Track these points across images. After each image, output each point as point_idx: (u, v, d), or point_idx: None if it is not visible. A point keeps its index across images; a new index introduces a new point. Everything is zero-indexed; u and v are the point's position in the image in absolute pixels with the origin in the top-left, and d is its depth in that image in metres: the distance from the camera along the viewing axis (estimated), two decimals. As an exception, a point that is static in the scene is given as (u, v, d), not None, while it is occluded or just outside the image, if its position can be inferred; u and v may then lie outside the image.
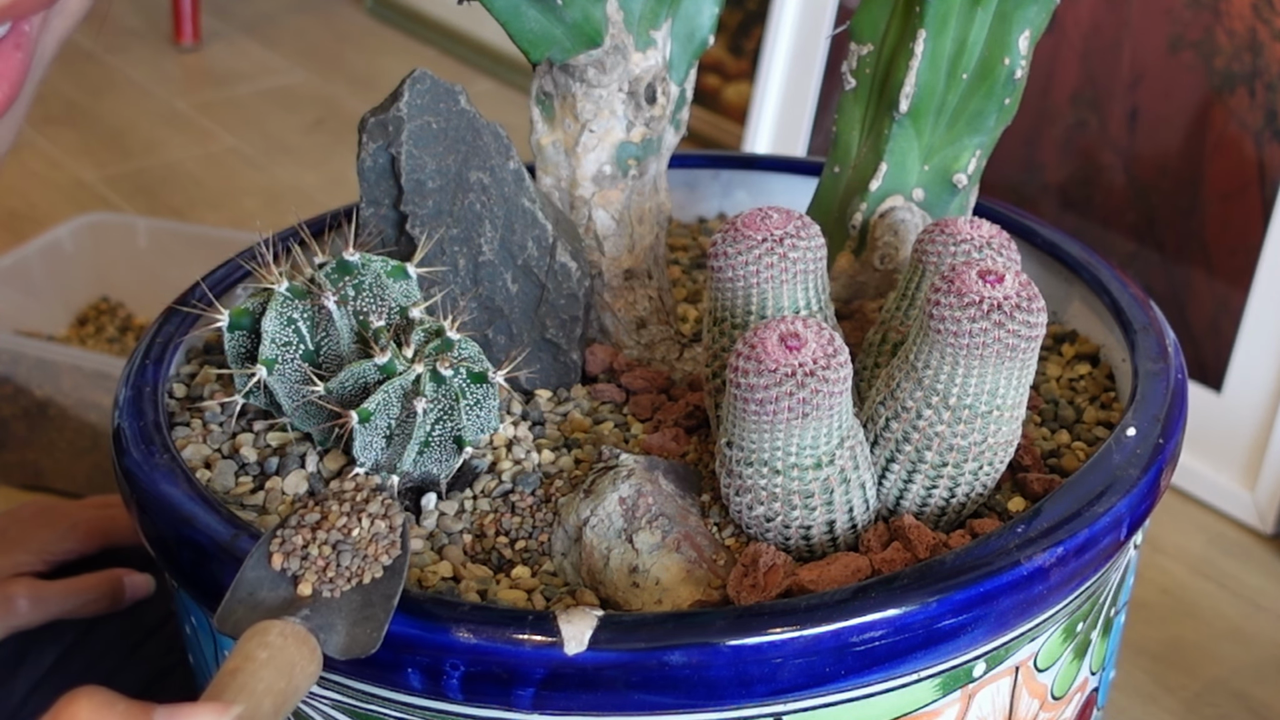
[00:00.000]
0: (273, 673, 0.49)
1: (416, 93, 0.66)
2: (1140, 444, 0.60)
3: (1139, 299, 0.72)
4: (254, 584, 0.53)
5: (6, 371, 1.13)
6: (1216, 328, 1.18)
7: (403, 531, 0.55)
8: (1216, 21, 1.17)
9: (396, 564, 0.54)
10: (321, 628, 0.51)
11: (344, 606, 0.52)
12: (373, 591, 0.53)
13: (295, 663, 0.50)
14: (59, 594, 0.76)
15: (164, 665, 0.82)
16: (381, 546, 0.54)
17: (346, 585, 0.53)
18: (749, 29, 1.64)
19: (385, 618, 0.52)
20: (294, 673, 0.49)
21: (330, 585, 0.53)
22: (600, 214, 0.72)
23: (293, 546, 0.54)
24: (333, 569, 0.53)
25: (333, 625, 0.52)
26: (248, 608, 0.52)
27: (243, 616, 0.52)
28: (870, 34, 0.71)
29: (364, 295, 0.61)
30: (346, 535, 0.54)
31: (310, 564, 0.53)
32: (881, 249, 0.71)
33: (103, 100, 1.98)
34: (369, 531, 0.54)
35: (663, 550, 0.57)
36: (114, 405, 0.66)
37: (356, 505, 0.55)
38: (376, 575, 0.53)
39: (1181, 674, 1.01)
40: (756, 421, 0.55)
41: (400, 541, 0.55)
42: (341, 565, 0.53)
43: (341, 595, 0.53)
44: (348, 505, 0.55)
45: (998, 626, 0.54)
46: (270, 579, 0.53)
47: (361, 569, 0.53)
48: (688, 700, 0.51)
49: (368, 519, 0.55)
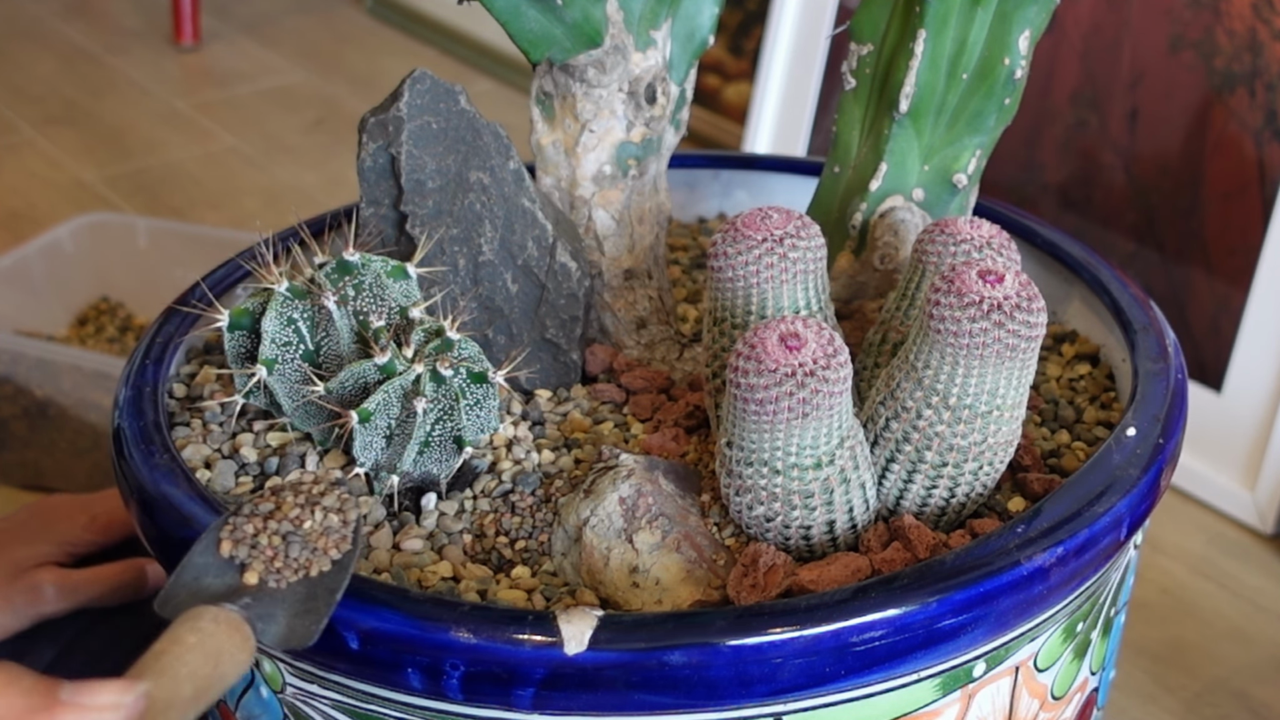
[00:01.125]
0: (199, 657, 0.49)
1: (416, 93, 0.66)
2: (1140, 444, 0.60)
3: (1139, 299, 0.72)
4: (200, 569, 0.53)
5: (6, 371, 1.13)
6: (1216, 328, 1.18)
7: (355, 526, 0.55)
8: (1216, 21, 1.17)
9: (345, 559, 0.54)
10: (261, 617, 0.51)
11: (288, 598, 0.52)
12: (318, 584, 0.53)
13: (224, 650, 0.50)
14: (85, 582, 0.77)
15: None
16: (332, 540, 0.54)
17: (293, 577, 0.53)
18: (749, 29, 1.64)
19: (327, 611, 0.52)
20: (221, 659, 0.49)
21: (277, 576, 0.53)
22: (600, 214, 0.72)
23: (243, 535, 0.54)
24: (280, 560, 0.53)
25: (273, 615, 0.52)
26: (190, 593, 0.52)
27: (183, 601, 0.52)
28: (870, 34, 0.71)
29: (364, 295, 0.61)
30: (298, 527, 0.54)
31: (259, 553, 0.53)
32: (881, 249, 0.71)
33: (103, 100, 1.98)
34: (321, 524, 0.54)
35: (663, 550, 0.57)
36: (114, 405, 0.66)
37: (312, 498, 0.55)
38: (324, 569, 0.53)
39: (1181, 674, 1.01)
40: (756, 421, 0.55)
41: (352, 536, 0.55)
42: (289, 556, 0.53)
43: (287, 586, 0.53)
44: (303, 497, 0.55)
45: (998, 626, 0.54)
46: (217, 566, 0.53)
47: (310, 561, 0.53)
48: (688, 700, 0.51)
49: (321, 512, 0.55)
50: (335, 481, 0.57)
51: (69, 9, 2.32)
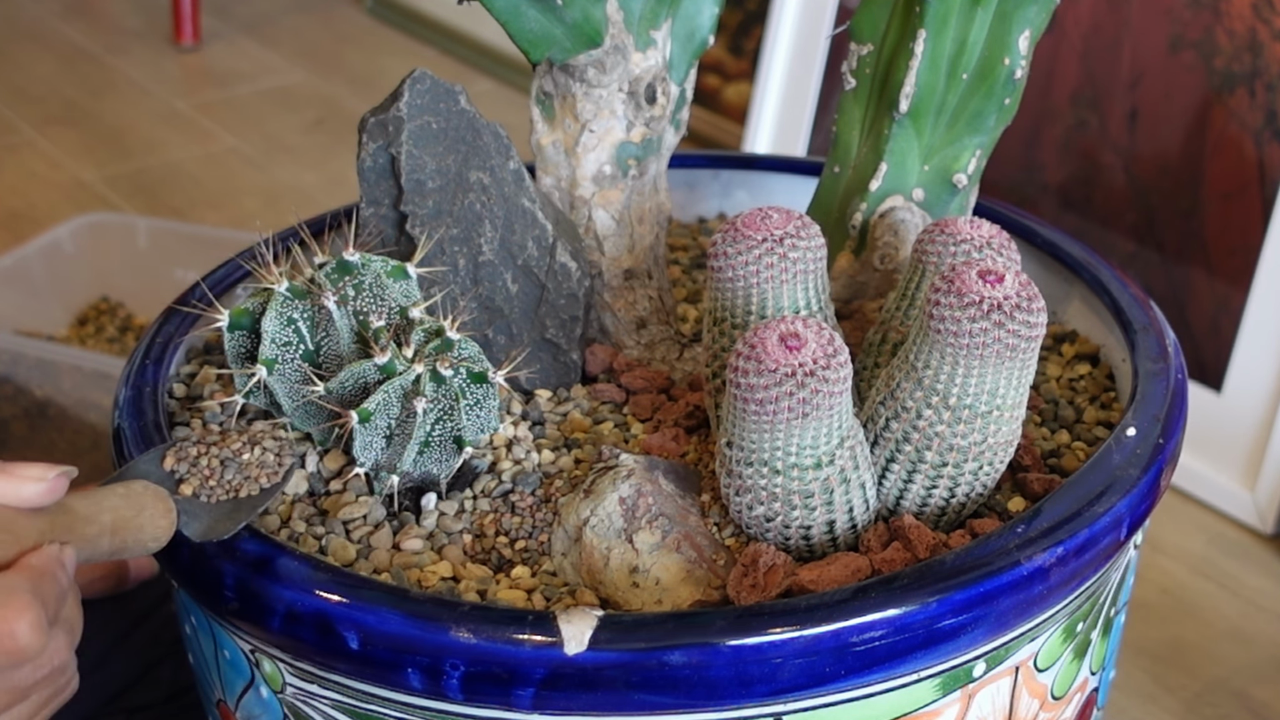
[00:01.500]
0: (123, 501, 0.54)
1: (416, 93, 0.66)
2: (1140, 444, 0.60)
3: (1139, 299, 0.72)
4: (142, 474, 0.57)
5: (6, 371, 1.13)
6: (1216, 328, 1.18)
7: (289, 468, 0.59)
8: (1216, 21, 1.17)
9: (272, 488, 0.58)
10: (186, 513, 0.56)
11: (214, 510, 0.57)
12: (244, 504, 0.57)
13: (147, 506, 0.55)
14: None
15: (151, 657, 0.82)
16: (265, 472, 0.58)
17: (224, 495, 0.57)
18: (749, 29, 1.64)
19: (246, 518, 0.56)
20: (143, 511, 0.55)
21: (209, 492, 0.57)
22: (600, 214, 0.72)
23: (186, 454, 0.58)
24: (215, 479, 0.58)
25: (197, 516, 0.56)
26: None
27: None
28: (870, 34, 0.71)
29: (364, 295, 0.61)
30: (236, 456, 0.58)
31: (197, 471, 0.58)
32: (881, 249, 0.71)
33: (103, 100, 1.98)
34: (258, 459, 0.59)
35: (663, 550, 0.57)
36: (114, 405, 0.66)
37: (254, 438, 0.60)
38: (252, 492, 0.58)
39: (1181, 674, 1.01)
40: (756, 421, 0.55)
41: (283, 474, 0.59)
42: (224, 478, 0.58)
43: (216, 502, 0.57)
44: (247, 436, 0.60)
45: (998, 626, 0.54)
46: (158, 474, 0.58)
47: (240, 485, 0.58)
48: (688, 700, 0.51)
49: (260, 450, 0.59)
50: (285, 440, 0.61)
51: (69, 9, 2.32)
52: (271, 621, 0.54)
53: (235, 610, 0.55)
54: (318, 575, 0.54)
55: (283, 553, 0.55)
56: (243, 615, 0.55)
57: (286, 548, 0.56)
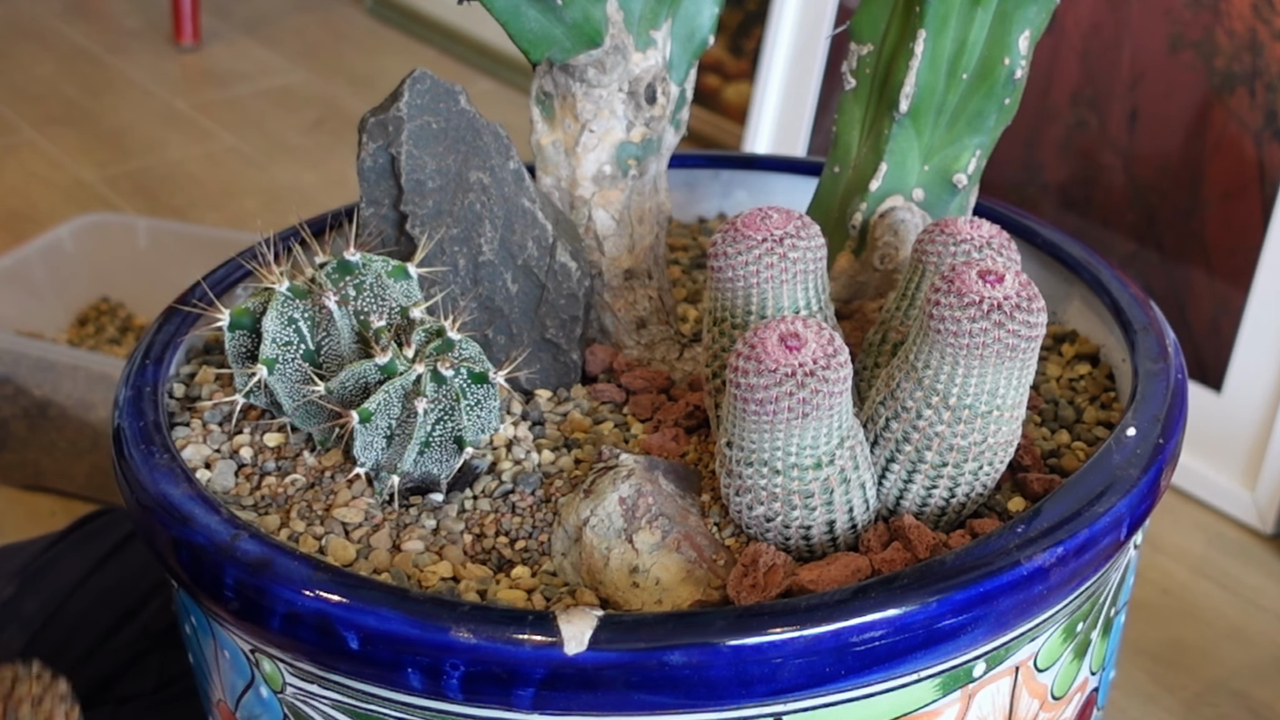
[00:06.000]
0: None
1: (416, 93, 0.66)
2: (1140, 444, 0.60)
3: (1139, 299, 0.72)
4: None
5: (6, 371, 1.13)
6: (1216, 328, 1.18)
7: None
8: (1216, 21, 1.17)
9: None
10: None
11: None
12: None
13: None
14: None
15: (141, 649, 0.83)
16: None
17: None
18: (749, 29, 1.64)
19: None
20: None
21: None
22: (600, 214, 0.72)
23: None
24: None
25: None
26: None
27: None
28: (870, 34, 0.71)
29: (364, 295, 0.62)
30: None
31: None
32: (881, 249, 0.71)
33: (103, 100, 1.98)
34: None
35: (663, 550, 0.57)
36: (114, 405, 0.66)
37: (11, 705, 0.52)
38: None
39: (1181, 674, 1.01)
40: (756, 421, 0.55)
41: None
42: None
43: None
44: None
45: (998, 626, 0.54)
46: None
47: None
48: (688, 700, 0.51)
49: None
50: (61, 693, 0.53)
51: (69, 9, 2.32)
52: (271, 622, 0.54)
53: (235, 610, 0.55)
54: (318, 575, 0.54)
55: (282, 553, 0.55)
56: (242, 615, 0.55)
57: (286, 548, 0.56)
